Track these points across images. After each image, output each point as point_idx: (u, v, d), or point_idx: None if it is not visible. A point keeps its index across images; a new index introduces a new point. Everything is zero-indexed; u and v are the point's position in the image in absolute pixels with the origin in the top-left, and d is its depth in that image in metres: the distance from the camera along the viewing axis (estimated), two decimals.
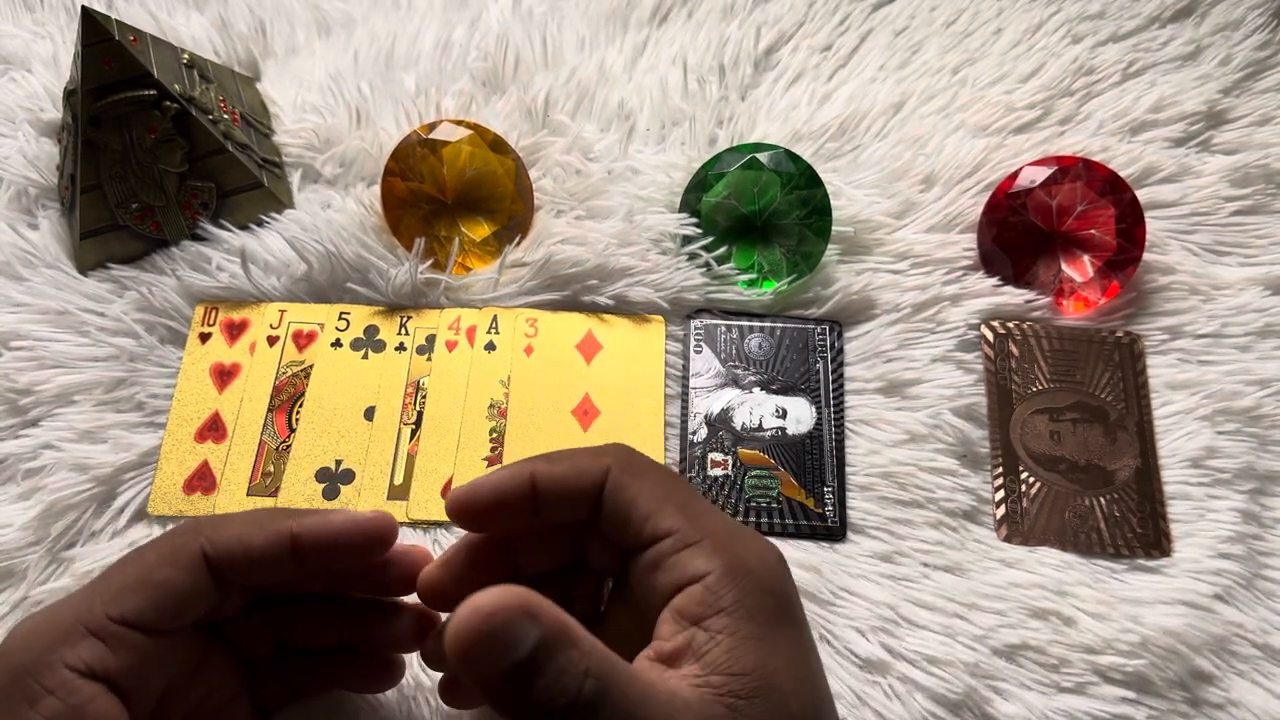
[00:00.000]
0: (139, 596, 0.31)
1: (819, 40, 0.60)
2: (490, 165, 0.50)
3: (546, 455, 0.33)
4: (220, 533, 0.32)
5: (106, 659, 0.30)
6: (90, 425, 0.46)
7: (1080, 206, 0.50)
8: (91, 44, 0.45)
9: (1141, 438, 0.48)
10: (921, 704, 0.41)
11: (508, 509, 0.33)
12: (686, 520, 0.31)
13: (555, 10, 0.61)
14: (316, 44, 0.60)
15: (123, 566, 0.32)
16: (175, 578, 0.31)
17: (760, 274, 0.51)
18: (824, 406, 0.48)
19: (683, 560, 0.31)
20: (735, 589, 0.30)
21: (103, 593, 0.31)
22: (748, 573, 0.30)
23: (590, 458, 0.33)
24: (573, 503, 0.33)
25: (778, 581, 0.31)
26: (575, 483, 0.32)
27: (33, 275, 0.50)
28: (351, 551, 0.33)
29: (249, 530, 0.32)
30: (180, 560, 0.31)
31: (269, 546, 0.32)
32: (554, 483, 0.32)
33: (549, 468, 0.33)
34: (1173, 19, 0.61)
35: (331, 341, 0.50)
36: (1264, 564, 0.46)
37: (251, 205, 0.51)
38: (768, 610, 0.30)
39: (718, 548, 0.31)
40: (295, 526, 0.32)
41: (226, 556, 0.32)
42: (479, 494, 0.33)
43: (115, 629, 0.30)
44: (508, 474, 0.33)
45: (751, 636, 0.29)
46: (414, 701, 0.40)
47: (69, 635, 0.30)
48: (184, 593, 0.31)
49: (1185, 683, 0.42)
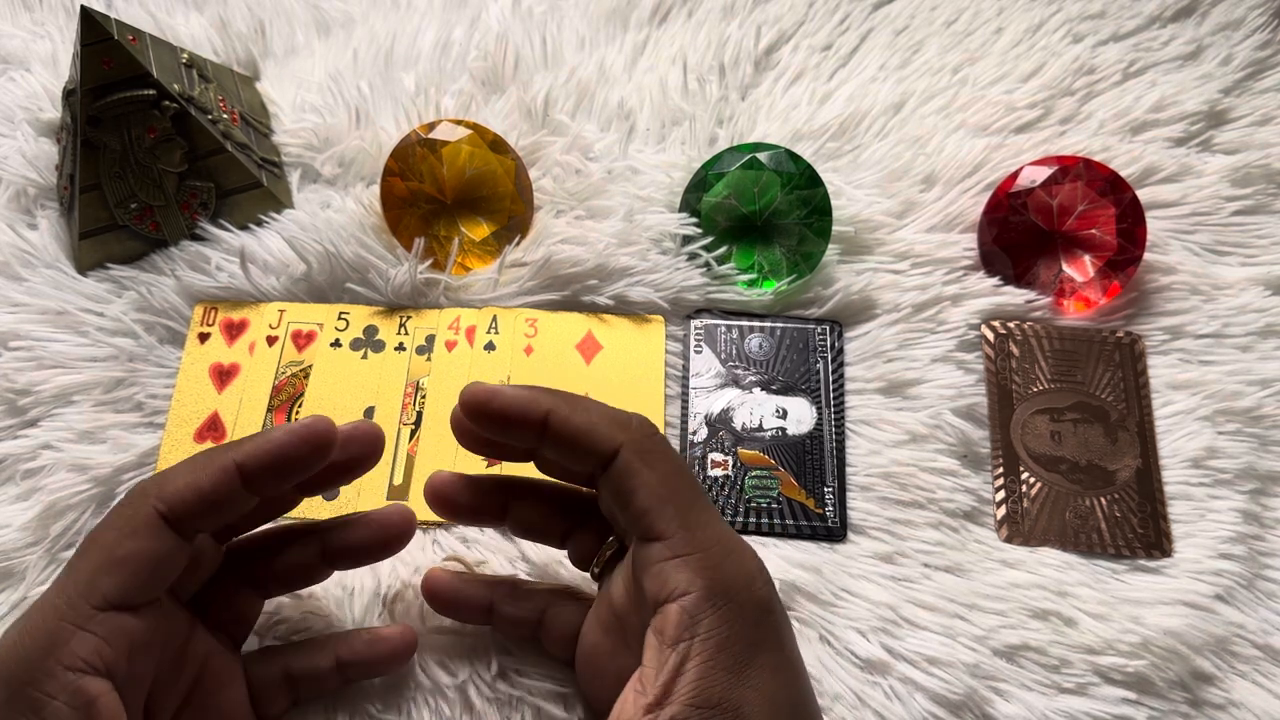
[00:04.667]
0: (112, 578, 0.30)
1: (819, 40, 0.60)
2: (490, 165, 0.50)
3: (570, 399, 0.33)
4: (167, 488, 0.31)
5: (103, 650, 0.30)
6: (89, 425, 0.46)
7: (1081, 206, 0.50)
8: (90, 44, 0.45)
9: (1142, 438, 0.48)
10: (922, 705, 0.41)
11: (513, 427, 0.33)
12: (682, 528, 0.31)
13: (555, 10, 0.60)
14: (316, 44, 0.60)
15: (85, 554, 0.31)
16: (141, 546, 0.31)
17: (760, 274, 0.51)
18: (824, 407, 0.48)
19: (667, 572, 0.31)
20: (712, 614, 0.30)
21: (75, 585, 0.30)
22: (728, 597, 0.30)
23: (609, 425, 0.33)
24: (578, 458, 0.33)
25: (759, 606, 0.31)
26: (584, 442, 0.33)
27: (32, 275, 0.50)
28: (297, 463, 0.33)
29: (194, 475, 0.32)
30: (139, 528, 0.31)
31: (218, 484, 0.31)
32: (565, 431, 0.33)
33: (567, 413, 0.33)
34: (1173, 18, 0.61)
35: (331, 341, 0.49)
36: (1265, 564, 0.46)
37: (251, 205, 0.51)
38: (744, 639, 0.30)
39: (704, 565, 0.30)
40: (237, 456, 0.32)
41: (182, 508, 0.31)
42: (495, 401, 0.33)
43: (101, 617, 0.30)
44: (527, 398, 0.33)
45: (722, 667, 0.29)
46: (413, 702, 0.40)
47: (57, 637, 0.29)
48: (154, 558, 0.31)
49: (1186, 683, 0.42)
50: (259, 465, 0.32)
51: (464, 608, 0.39)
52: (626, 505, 0.32)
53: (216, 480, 0.31)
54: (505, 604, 0.39)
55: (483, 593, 0.39)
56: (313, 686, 0.38)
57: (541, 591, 0.40)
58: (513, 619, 0.39)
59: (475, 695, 0.40)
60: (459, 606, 0.39)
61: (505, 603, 0.39)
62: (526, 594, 0.39)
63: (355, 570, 0.42)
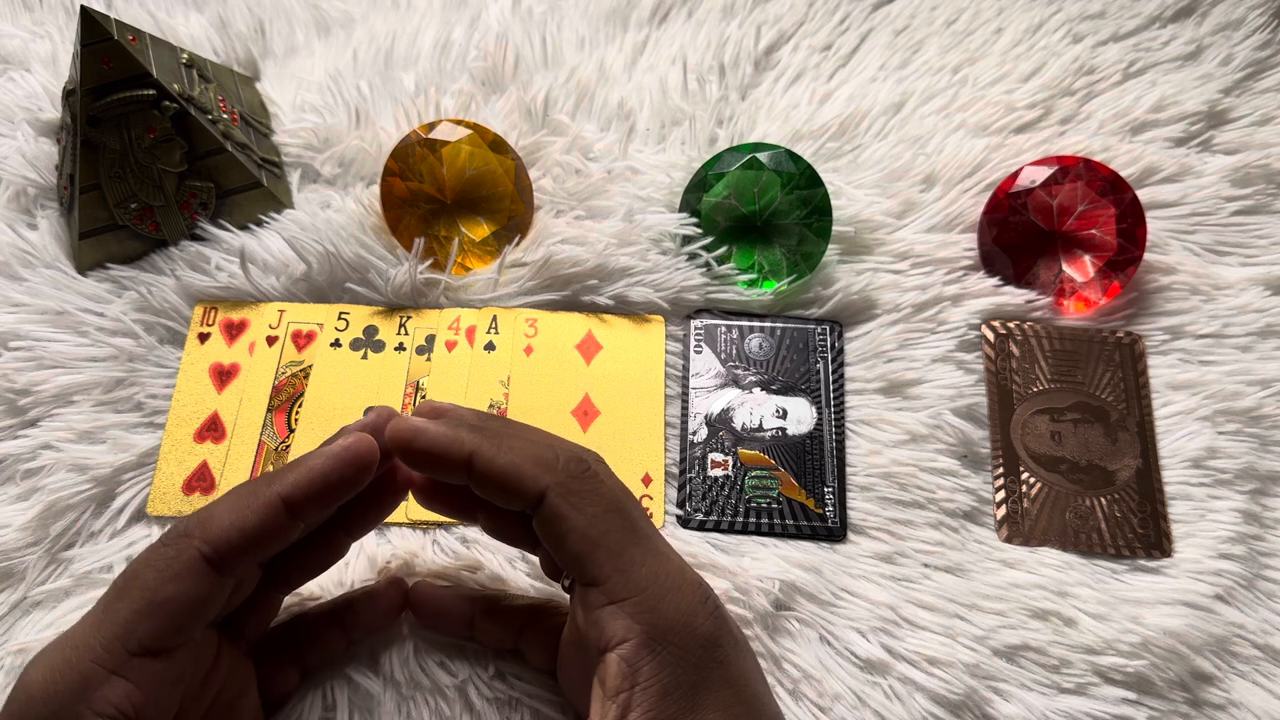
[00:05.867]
0: (152, 622, 0.30)
1: (819, 40, 0.60)
2: (490, 165, 0.50)
3: (497, 437, 0.32)
4: (211, 528, 0.31)
5: (133, 695, 0.29)
6: (89, 425, 0.46)
7: (1081, 206, 0.50)
8: (90, 44, 0.45)
9: (1142, 438, 0.48)
10: (922, 705, 0.41)
11: (439, 467, 0.32)
12: (615, 571, 0.30)
13: (555, 10, 0.60)
14: (316, 44, 0.60)
15: (125, 594, 0.31)
16: (182, 591, 0.30)
17: (760, 274, 0.51)
18: (824, 407, 0.48)
19: (604, 620, 0.30)
20: (651, 661, 0.29)
21: (112, 626, 0.30)
22: (667, 641, 0.30)
23: (533, 467, 0.31)
24: (505, 499, 0.32)
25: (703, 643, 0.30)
26: (509, 486, 0.31)
27: (31, 275, 0.50)
28: (341, 488, 0.32)
29: (239, 514, 0.31)
30: (181, 572, 0.30)
31: (264, 521, 0.31)
32: (488, 474, 0.32)
33: (490, 456, 0.31)
34: (1173, 18, 0.61)
35: (331, 341, 0.49)
36: (1265, 564, 0.46)
37: (251, 205, 0.51)
38: (687, 683, 0.29)
39: (640, 609, 0.30)
40: (281, 490, 0.31)
41: (227, 549, 0.31)
42: (418, 440, 0.32)
43: (136, 662, 0.29)
44: (449, 439, 0.32)
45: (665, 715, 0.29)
46: (413, 702, 0.40)
47: (89, 681, 0.29)
48: (194, 602, 0.30)
49: (1186, 683, 0.42)
50: (304, 496, 0.31)
51: (446, 621, 0.40)
52: (559, 550, 0.32)
53: (263, 518, 0.31)
54: (484, 621, 0.39)
55: (465, 608, 0.40)
56: (319, 656, 0.38)
57: (520, 609, 0.40)
58: (492, 635, 0.39)
59: (475, 695, 0.40)
60: (441, 620, 0.40)
61: (484, 619, 0.39)
62: (506, 611, 0.39)
63: (355, 569, 0.42)
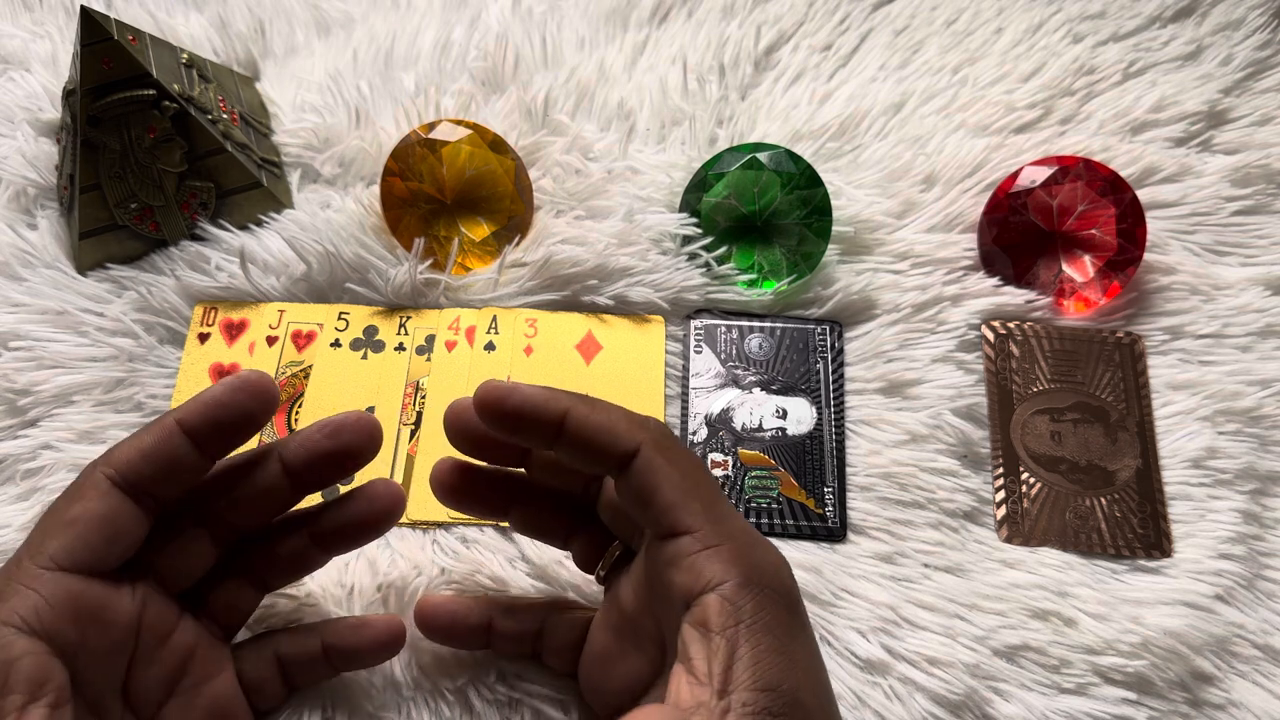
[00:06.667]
0: (59, 539, 0.30)
1: (819, 40, 0.60)
2: (490, 165, 0.50)
3: (587, 399, 0.33)
4: (114, 454, 0.32)
5: (41, 609, 0.29)
6: (89, 426, 0.46)
7: (1081, 206, 0.50)
8: (90, 44, 0.45)
9: (1142, 438, 0.48)
10: (922, 705, 0.41)
11: (527, 427, 0.32)
12: (709, 521, 0.31)
13: (555, 10, 0.60)
14: (316, 43, 0.60)
15: (41, 521, 0.32)
16: (90, 508, 0.31)
17: (760, 274, 0.51)
18: (824, 407, 0.48)
19: (700, 564, 0.30)
20: (753, 600, 0.30)
21: (26, 546, 0.31)
22: (764, 584, 0.30)
23: (628, 424, 0.32)
24: (595, 458, 0.32)
25: (790, 592, 0.31)
26: (605, 440, 0.32)
27: (31, 275, 0.50)
28: (239, 417, 0.32)
29: (137, 438, 0.32)
30: (88, 492, 0.31)
31: (159, 442, 0.32)
32: (584, 430, 0.32)
33: (586, 412, 0.32)
34: (1173, 18, 0.61)
35: (331, 342, 0.49)
36: (1265, 564, 0.46)
37: (250, 205, 0.51)
38: (783, 623, 0.30)
39: (736, 555, 0.30)
40: (177, 415, 0.32)
41: (129, 469, 0.31)
42: (511, 398, 0.32)
43: (47, 576, 0.30)
44: (545, 395, 0.32)
45: (773, 650, 0.29)
46: (413, 703, 0.40)
47: (2, 592, 0.30)
48: (102, 518, 0.31)
49: (1186, 684, 0.42)
50: (200, 420, 0.32)
51: (461, 629, 0.39)
52: (650, 502, 0.32)
53: (158, 439, 0.32)
54: (504, 619, 0.38)
55: (480, 611, 0.39)
56: (305, 674, 0.37)
57: (539, 604, 0.39)
58: (513, 634, 0.38)
59: (475, 697, 0.40)
60: (455, 628, 0.39)
61: (504, 618, 0.38)
62: (525, 607, 0.39)
63: (355, 570, 0.42)
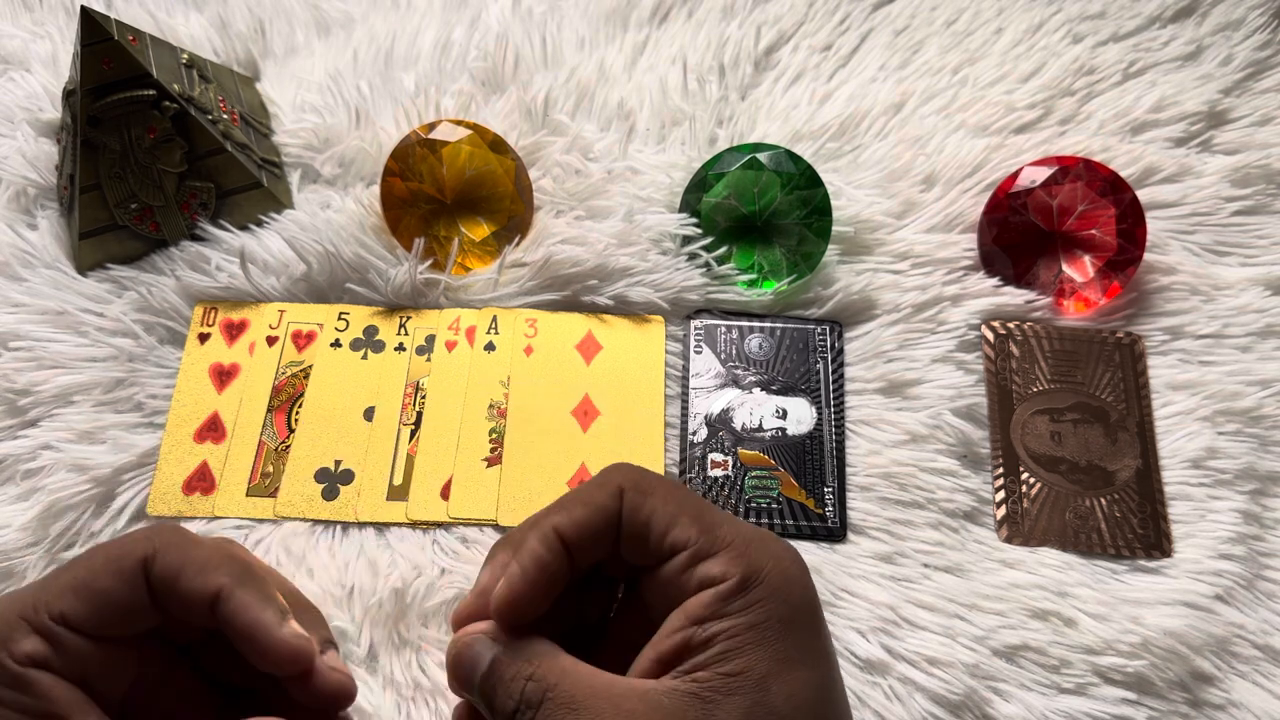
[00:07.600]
0: (79, 601, 0.30)
1: (819, 40, 0.60)
2: (490, 165, 0.50)
3: (557, 507, 0.32)
4: (169, 555, 0.30)
5: (49, 657, 0.30)
6: (89, 426, 0.46)
7: (1081, 207, 0.50)
8: (90, 44, 0.45)
9: (1142, 438, 0.48)
10: (922, 705, 0.41)
11: (552, 584, 0.32)
12: (702, 532, 0.31)
13: (555, 10, 0.60)
14: (316, 44, 0.60)
15: (72, 566, 0.31)
16: (115, 589, 0.30)
17: (760, 274, 0.51)
18: (824, 407, 0.48)
19: (699, 571, 0.30)
20: (745, 596, 0.30)
21: (48, 589, 0.30)
22: (761, 581, 0.30)
23: (599, 489, 0.32)
24: (601, 542, 0.32)
25: (794, 589, 0.31)
26: (599, 520, 0.32)
27: (31, 275, 0.50)
28: None
29: (210, 551, 0.31)
30: (124, 570, 0.30)
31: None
32: (580, 531, 0.32)
33: (569, 518, 0.32)
34: (1173, 19, 0.61)
35: (331, 342, 0.49)
36: (1265, 565, 0.46)
37: (251, 205, 0.51)
38: (777, 618, 0.30)
39: (735, 556, 0.30)
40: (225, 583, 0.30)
41: (161, 582, 0.30)
42: (520, 591, 0.31)
43: (55, 629, 0.30)
44: (539, 549, 0.31)
45: (750, 642, 0.29)
46: (413, 702, 0.40)
47: (12, 630, 0.30)
48: (122, 606, 0.30)
49: (1186, 684, 0.42)
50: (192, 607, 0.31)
51: None
52: (646, 535, 0.31)
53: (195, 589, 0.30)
54: None
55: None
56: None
57: None
58: None
59: None
60: None
61: None
62: None
63: (355, 570, 0.42)
